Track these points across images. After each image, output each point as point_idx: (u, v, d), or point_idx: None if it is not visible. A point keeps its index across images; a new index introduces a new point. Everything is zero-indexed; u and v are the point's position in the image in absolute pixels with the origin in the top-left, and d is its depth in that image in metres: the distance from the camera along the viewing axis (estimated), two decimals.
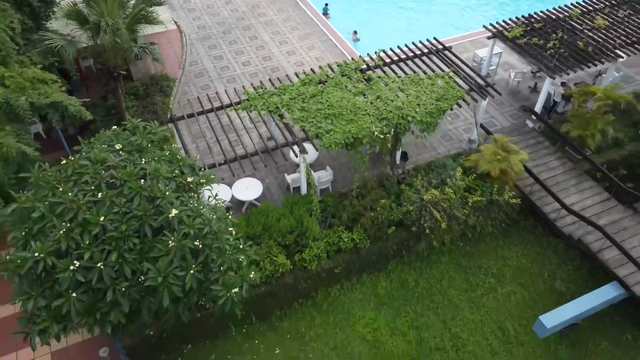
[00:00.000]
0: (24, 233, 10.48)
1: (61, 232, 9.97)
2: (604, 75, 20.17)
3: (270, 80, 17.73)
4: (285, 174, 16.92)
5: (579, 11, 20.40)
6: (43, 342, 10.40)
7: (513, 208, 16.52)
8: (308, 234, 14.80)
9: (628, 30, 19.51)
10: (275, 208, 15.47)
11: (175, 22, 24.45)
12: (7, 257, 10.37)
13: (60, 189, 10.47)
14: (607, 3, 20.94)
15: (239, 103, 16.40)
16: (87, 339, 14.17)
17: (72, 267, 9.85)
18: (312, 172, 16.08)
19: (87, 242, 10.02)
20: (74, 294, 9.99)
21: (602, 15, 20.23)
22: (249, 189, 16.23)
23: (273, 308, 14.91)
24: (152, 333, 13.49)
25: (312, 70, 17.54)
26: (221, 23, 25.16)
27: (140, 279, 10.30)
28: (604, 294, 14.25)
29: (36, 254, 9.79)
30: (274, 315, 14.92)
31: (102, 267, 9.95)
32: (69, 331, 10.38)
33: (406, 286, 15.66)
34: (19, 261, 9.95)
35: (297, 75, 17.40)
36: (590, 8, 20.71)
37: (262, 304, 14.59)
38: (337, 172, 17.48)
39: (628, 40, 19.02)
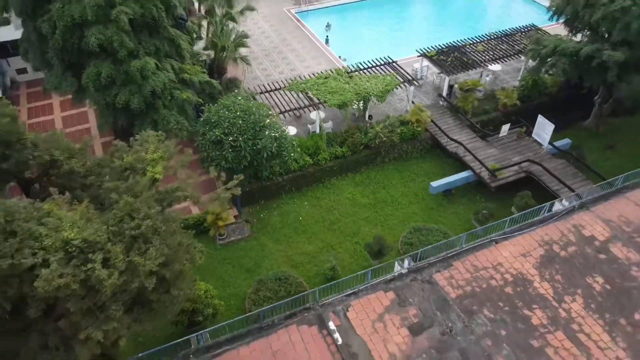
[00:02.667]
0: (207, 127, 25.80)
1: (224, 126, 25.34)
2: (483, 76, 35.86)
3: (300, 77, 33.33)
4: (308, 125, 32.41)
5: (470, 42, 36.34)
6: (216, 169, 25.56)
7: (427, 142, 32.04)
8: (320, 148, 30.11)
9: (495, 52, 35.36)
10: (303, 138, 30.85)
11: None
12: (200, 138, 25.71)
13: (221, 112, 25.92)
14: (485, 37, 36.91)
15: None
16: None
17: (229, 139, 25.21)
18: (322, 122, 31.52)
19: (235, 130, 25.37)
20: (230, 150, 25.27)
21: (483, 44, 36.15)
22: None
23: (303, 185, 30.03)
24: (248, 190, 28.60)
25: (321, 72, 33.27)
26: (264, 50, 41.12)
27: (254, 147, 25.56)
28: (463, 175, 29.54)
29: (217, 133, 25.15)
30: (303, 189, 30.06)
31: (240, 139, 25.28)
32: (225, 166, 25.49)
33: (370, 178, 30.87)
34: (207, 136, 25.30)
35: (313, 74, 33.11)
36: (477, 41, 36.66)
37: (298, 183, 29.74)
38: (335, 125, 32.89)
39: (494, 58, 34.83)
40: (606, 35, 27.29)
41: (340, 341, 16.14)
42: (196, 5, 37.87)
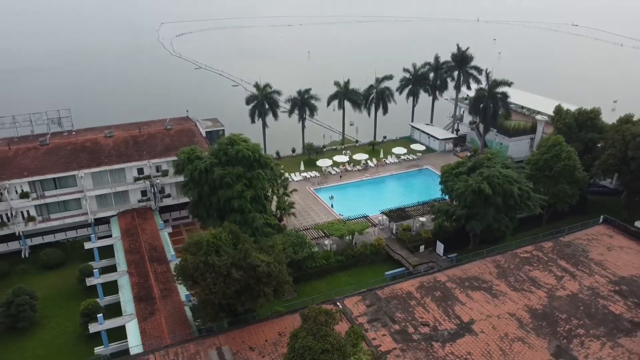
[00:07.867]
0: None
1: (287, 244, 56.71)
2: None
3: (318, 224, 65.77)
4: (323, 246, 63.86)
5: (408, 207, 69.32)
6: None
7: (384, 255, 63.22)
8: (330, 256, 61.09)
9: (422, 210, 68.07)
10: (321, 252, 61.98)
11: None
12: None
13: (285, 237, 57.54)
14: (417, 204, 70.05)
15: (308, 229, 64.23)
16: None
17: (290, 249, 56.42)
18: (330, 244, 62.99)
19: (292, 245, 56.70)
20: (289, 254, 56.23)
21: (415, 207, 69.07)
22: None
23: (321, 275, 60.35)
24: (294, 276, 58.71)
25: (329, 221, 65.71)
26: (297, 208, 74.18)
27: (300, 252, 56.68)
28: (401, 269, 60.07)
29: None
30: (321, 276, 60.30)
31: (293, 250, 56.53)
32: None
33: (355, 272, 61.26)
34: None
35: (325, 222, 65.53)
36: (413, 206, 69.70)
37: (318, 273, 60.15)
38: (337, 246, 64.19)
39: (421, 213, 67.40)
40: (459, 203, 60.05)
41: (340, 307, 45.63)
42: None
